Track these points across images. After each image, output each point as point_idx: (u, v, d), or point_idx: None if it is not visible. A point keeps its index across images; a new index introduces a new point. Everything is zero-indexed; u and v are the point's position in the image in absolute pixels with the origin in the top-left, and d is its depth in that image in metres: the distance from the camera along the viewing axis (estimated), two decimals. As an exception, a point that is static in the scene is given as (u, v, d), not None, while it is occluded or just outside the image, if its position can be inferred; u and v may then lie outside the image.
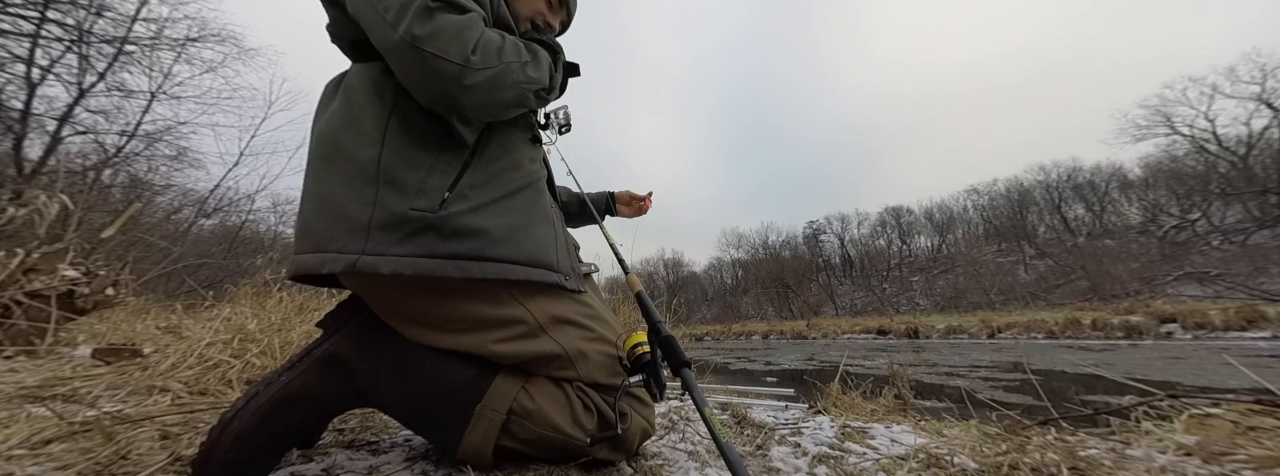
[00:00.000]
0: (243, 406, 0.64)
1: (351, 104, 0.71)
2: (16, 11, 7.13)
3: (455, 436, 0.69)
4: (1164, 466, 0.72)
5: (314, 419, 0.72)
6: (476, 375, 0.72)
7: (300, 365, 0.70)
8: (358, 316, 0.76)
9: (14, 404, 0.92)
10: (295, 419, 0.68)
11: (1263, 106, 21.21)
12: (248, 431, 0.63)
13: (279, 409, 0.66)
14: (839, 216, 41.65)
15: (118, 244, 2.43)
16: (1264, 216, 19.90)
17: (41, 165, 7.22)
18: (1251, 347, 6.52)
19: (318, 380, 0.69)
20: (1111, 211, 29.24)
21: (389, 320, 0.74)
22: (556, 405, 0.72)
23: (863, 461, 0.85)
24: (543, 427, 0.70)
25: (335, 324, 0.75)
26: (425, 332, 0.73)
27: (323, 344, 0.72)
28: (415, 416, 0.73)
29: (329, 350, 0.71)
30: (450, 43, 0.61)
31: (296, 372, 0.69)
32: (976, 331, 12.04)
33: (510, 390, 0.71)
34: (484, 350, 0.72)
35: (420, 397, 0.71)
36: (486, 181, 0.72)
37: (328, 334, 0.74)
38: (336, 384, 0.71)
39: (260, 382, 0.68)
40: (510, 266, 0.70)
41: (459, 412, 0.70)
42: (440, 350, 0.73)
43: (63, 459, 0.66)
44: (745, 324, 25.61)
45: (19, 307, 1.47)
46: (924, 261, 35.90)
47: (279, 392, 0.66)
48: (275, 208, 10.61)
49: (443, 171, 0.69)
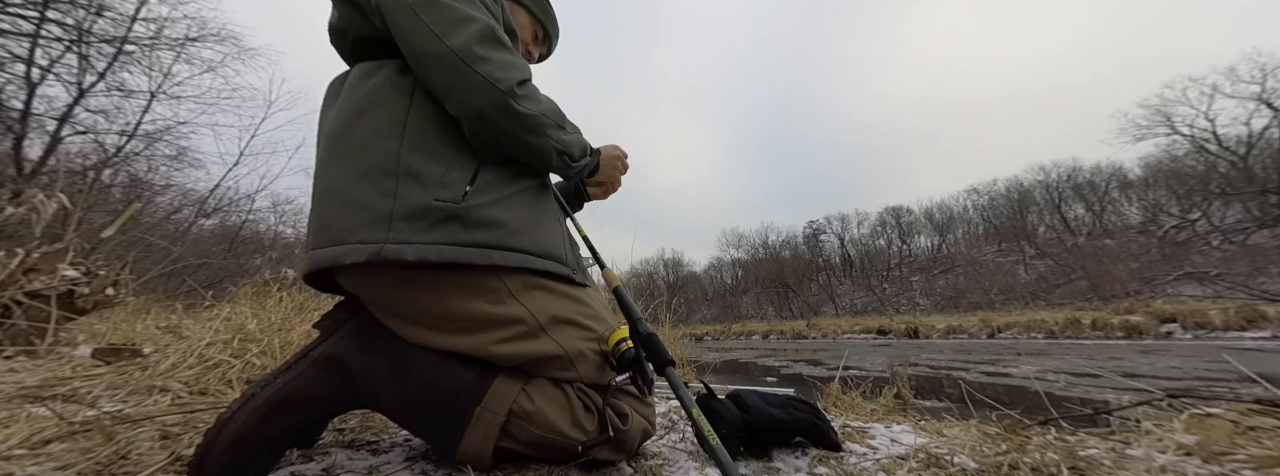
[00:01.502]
0: (238, 408, 0.63)
1: (365, 101, 0.72)
2: (16, 11, 7.13)
3: (454, 438, 0.69)
4: (1164, 466, 0.72)
5: (312, 420, 0.72)
6: (476, 376, 0.72)
7: (297, 366, 0.69)
8: (355, 318, 0.75)
9: (14, 403, 0.92)
10: (293, 420, 0.67)
11: (1263, 106, 21.22)
12: (244, 433, 0.62)
13: (275, 410, 0.65)
14: (839, 216, 41.64)
15: (118, 244, 2.43)
16: (1264, 216, 19.90)
17: (41, 165, 7.22)
18: (1252, 347, 6.52)
19: (315, 382, 0.68)
20: (1111, 211, 29.24)
21: (389, 322, 0.74)
22: (557, 407, 0.72)
23: (863, 461, 0.85)
24: (543, 429, 0.70)
25: (333, 325, 0.75)
26: (425, 333, 0.72)
27: (319, 345, 0.72)
28: (414, 418, 0.72)
29: (326, 351, 0.70)
30: (503, 71, 0.68)
31: (293, 374, 0.68)
32: (976, 331, 12.03)
33: (510, 392, 0.71)
34: (484, 351, 0.72)
35: (419, 399, 0.70)
36: (501, 179, 0.75)
37: (324, 335, 0.74)
38: (334, 385, 0.70)
39: (257, 384, 0.67)
40: (528, 256, 0.73)
41: (458, 414, 0.69)
42: (439, 352, 0.73)
43: (63, 458, 0.66)
44: (745, 324, 25.62)
45: (19, 307, 1.47)
46: (924, 261, 35.90)
47: (275, 394, 0.65)
48: (275, 207, 10.62)
49: (463, 167, 0.72)
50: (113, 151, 8.27)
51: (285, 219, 10.46)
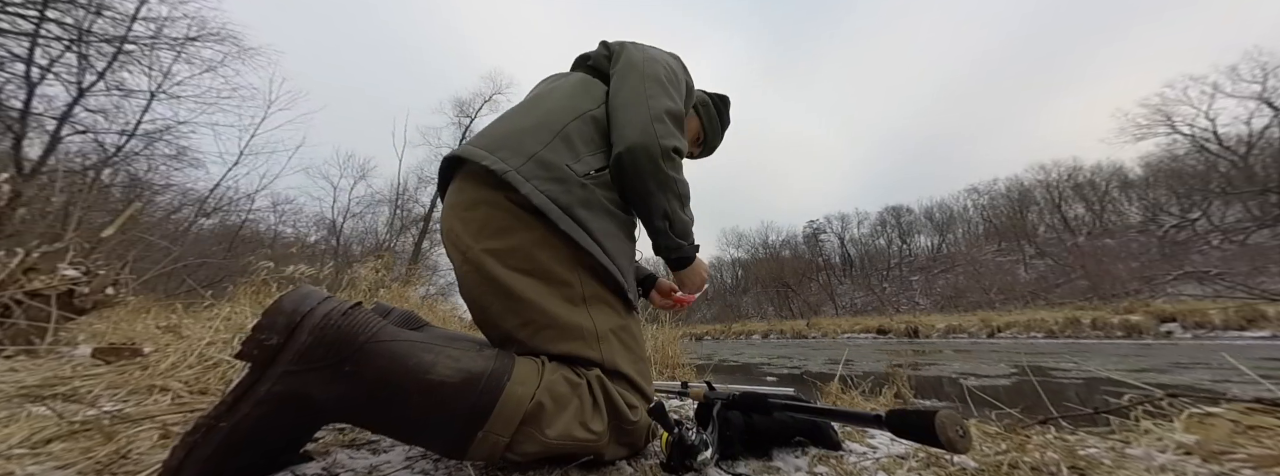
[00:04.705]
0: (184, 458, 0.55)
1: (571, 88, 0.96)
2: (16, 10, 7.13)
3: (456, 455, 0.66)
4: (1164, 465, 0.72)
5: (280, 448, 0.67)
6: (475, 402, 0.63)
7: (240, 407, 0.57)
8: (293, 340, 0.59)
9: (14, 403, 0.91)
10: (255, 455, 0.61)
11: (1263, 105, 21.22)
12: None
13: (228, 454, 0.57)
14: (839, 216, 41.70)
15: (118, 243, 2.43)
16: (1264, 215, 19.90)
17: (41, 164, 7.22)
18: (1253, 347, 6.52)
19: (271, 421, 0.59)
20: (1111, 211, 29.24)
21: (460, 239, 0.79)
22: (565, 413, 0.69)
23: (863, 461, 0.85)
24: (550, 438, 0.67)
25: (264, 355, 0.59)
26: (488, 260, 0.76)
27: (260, 381, 0.58)
28: (408, 439, 0.69)
29: (275, 390, 0.58)
30: (669, 136, 0.87)
31: (238, 417, 0.57)
32: (976, 331, 12.03)
33: (516, 411, 0.65)
34: (533, 298, 0.75)
35: (411, 425, 0.64)
36: (610, 196, 0.87)
37: (259, 367, 0.59)
38: (298, 419, 0.62)
39: (196, 431, 0.56)
40: (599, 248, 0.81)
41: (459, 438, 0.64)
42: (424, 381, 0.63)
43: (63, 458, 0.66)
44: (745, 323, 25.62)
45: (19, 307, 1.46)
46: (924, 261, 35.90)
47: (225, 440, 0.56)
48: (275, 207, 10.63)
49: (598, 161, 0.86)
50: (112, 151, 8.29)
51: (285, 218, 10.48)
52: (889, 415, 0.62)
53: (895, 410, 0.62)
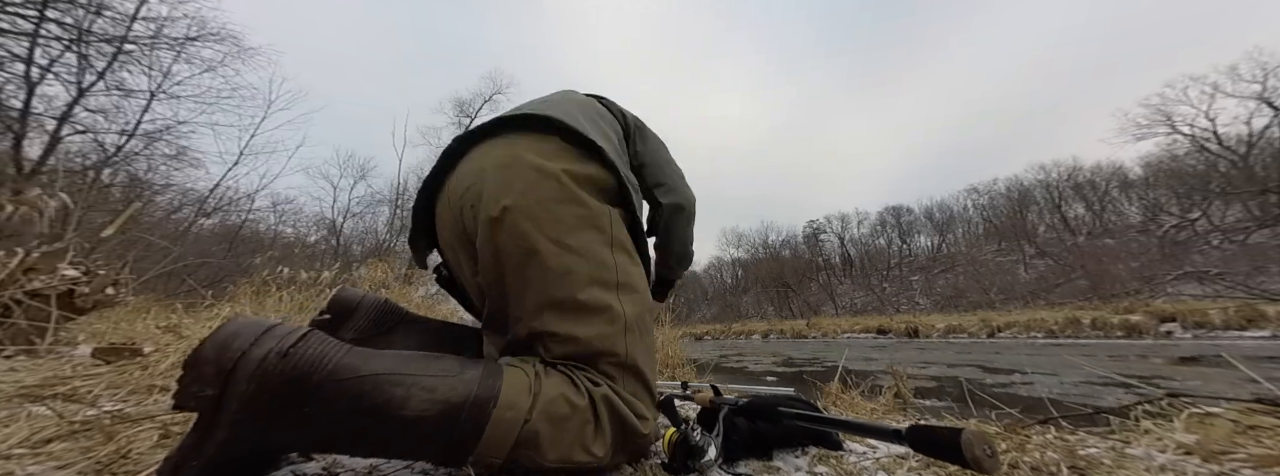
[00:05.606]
0: None
1: (601, 113, 1.04)
2: (15, 10, 7.12)
3: (452, 467, 0.65)
4: (1163, 465, 0.72)
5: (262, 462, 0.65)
6: (457, 436, 0.58)
7: (205, 449, 0.50)
8: (232, 389, 0.50)
9: (14, 403, 0.91)
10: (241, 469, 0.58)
11: (1263, 105, 21.20)
12: None
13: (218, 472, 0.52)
14: (839, 215, 41.62)
15: (118, 243, 2.43)
16: (1264, 215, 19.90)
17: (41, 164, 7.22)
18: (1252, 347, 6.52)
19: (238, 460, 0.53)
20: (1111, 211, 29.21)
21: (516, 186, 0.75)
22: (564, 436, 0.63)
23: (863, 460, 0.85)
24: (548, 461, 0.62)
25: (207, 405, 0.50)
26: (538, 225, 0.73)
27: (207, 440, 0.50)
28: (399, 459, 0.67)
29: (227, 439, 0.50)
30: (690, 225, 1.19)
31: (204, 458, 0.50)
32: (976, 330, 12.03)
33: (506, 438, 0.59)
34: (573, 277, 0.72)
35: (396, 455, 0.61)
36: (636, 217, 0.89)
37: (205, 417, 0.51)
38: (269, 455, 0.61)
39: (169, 463, 0.51)
40: (642, 238, 0.89)
41: (449, 461, 0.61)
42: (400, 418, 0.56)
43: (63, 458, 0.66)
44: (745, 323, 25.61)
45: (19, 307, 1.46)
46: (924, 261, 35.89)
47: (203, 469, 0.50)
48: (275, 207, 10.63)
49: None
50: (112, 151, 8.28)
51: (285, 218, 10.48)
52: (911, 430, 0.59)
53: (917, 425, 0.59)
